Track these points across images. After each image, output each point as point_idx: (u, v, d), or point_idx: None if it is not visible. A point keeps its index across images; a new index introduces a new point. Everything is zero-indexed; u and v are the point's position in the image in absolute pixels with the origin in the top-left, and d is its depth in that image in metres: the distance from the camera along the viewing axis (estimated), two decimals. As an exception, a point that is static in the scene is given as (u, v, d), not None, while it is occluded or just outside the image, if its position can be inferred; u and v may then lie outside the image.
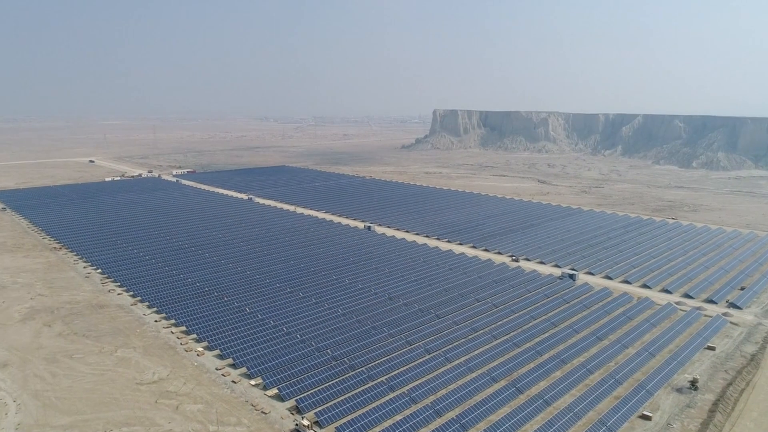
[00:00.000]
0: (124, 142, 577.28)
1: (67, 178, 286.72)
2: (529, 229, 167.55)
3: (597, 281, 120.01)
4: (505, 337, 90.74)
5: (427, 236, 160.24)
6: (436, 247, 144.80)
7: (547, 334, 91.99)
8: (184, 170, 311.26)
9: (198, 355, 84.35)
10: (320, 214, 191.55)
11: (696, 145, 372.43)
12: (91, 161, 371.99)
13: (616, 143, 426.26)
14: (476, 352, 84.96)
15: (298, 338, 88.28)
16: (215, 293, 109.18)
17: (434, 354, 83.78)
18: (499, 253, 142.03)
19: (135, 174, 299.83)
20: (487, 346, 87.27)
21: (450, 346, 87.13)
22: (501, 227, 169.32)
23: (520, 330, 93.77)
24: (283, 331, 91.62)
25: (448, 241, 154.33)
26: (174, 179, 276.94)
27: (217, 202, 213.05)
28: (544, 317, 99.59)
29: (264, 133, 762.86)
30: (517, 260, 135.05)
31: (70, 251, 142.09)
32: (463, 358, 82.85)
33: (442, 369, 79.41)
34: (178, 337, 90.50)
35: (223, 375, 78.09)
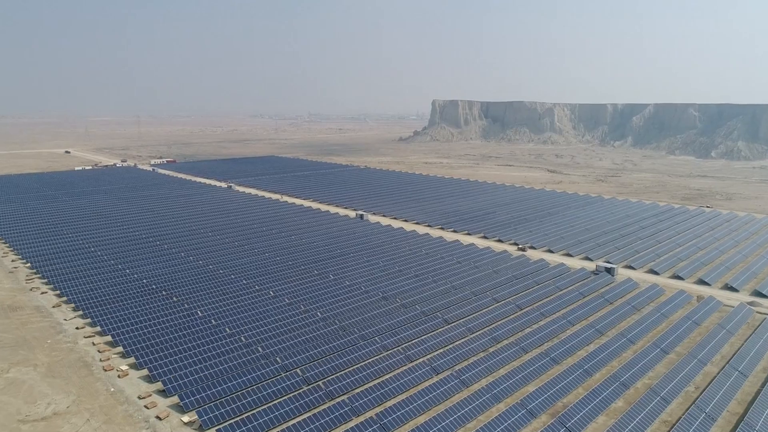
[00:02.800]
0: (109, 136, 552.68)
1: (35, 168, 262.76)
2: (547, 218, 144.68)
3: (640, 276, 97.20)
4: (538, 350, 67.78)
5: (429, 226, 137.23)
6: (440, 237, 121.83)
7: (593, 346, 69.11)
8: (163, 160, 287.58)
9: (119, 376, 61.21)
10: (307, 203, 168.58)
11: (713, 134, 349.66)
12: (67, 152, 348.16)
13: (625, 134, 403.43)
14: (501, 372, 62.02)
15: (259, 352, 65.19)
16: (164, 292, 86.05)
17: (444, 375, 60.83)
18: (516, 243, 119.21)
19: (109, 163, 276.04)
20: (515, 363, 64.31)
21: (465, 363, 64.17)
22: (514, 216, 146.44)
23: (556, 340, 70.86)
24: (241, 341, 68.53)
25: (454, 231, 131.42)
26: (150, 168, 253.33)
27: (192, 190, 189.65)
28: (584, 322, 76.68)
29: (256, 128, 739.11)
30: (524, 250, 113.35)
31: (3, 242, 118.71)
32: (485, 381, 59.90)
33: (457, 398, 56.45)
34: (99, 351, 67.36)
35: (146, 407, 54.93)
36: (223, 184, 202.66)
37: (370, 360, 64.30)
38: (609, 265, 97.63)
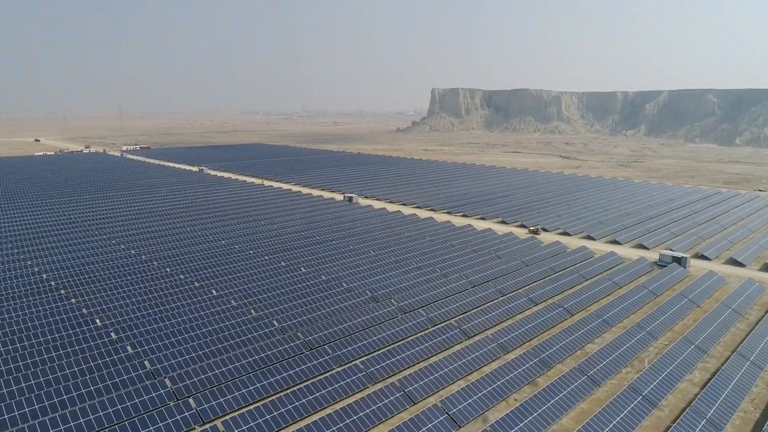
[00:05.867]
0: (91, 127, 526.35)
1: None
2: (574, 201, 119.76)
3: (722, 269, 72.16)
4: (614, 382, 42.62)
5: (432, 209, 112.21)
6: (448, 221, 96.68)
7: (699, 374, 43.97)
8: (137, 146, 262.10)
9: None
10: (287, 186, 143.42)
11: (736, 121, 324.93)
12: (37, 140, 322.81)
13: (638, 123, 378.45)
14: (567, 424, 36.83)
15: (166, 387, 39.97)
16: (62, 291, 60.84)
17: (469, 427, 35.60)
18: (544, 229, 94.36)
19: (76, 150, 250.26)
20: (581, 405, 39.10)
21: (504, 407, 38.95)
22: (535, 199, 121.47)
23: (639, 364, 45.67)
24: (145, 368, 43.29)
25: (464, 215, 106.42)
26: (119, 154, 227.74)
27: (157, 173, 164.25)
28: (671, 334, 51.55)
29: (248, 121, 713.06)
30: (537, 232, 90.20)
31: None
32: (543, 444, 34.69)
33: (498, 480, 31.19)
34: None
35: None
36: (195, 169, 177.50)
37: (347, 400, 39.14)
38: (678, 255, 72.52)
